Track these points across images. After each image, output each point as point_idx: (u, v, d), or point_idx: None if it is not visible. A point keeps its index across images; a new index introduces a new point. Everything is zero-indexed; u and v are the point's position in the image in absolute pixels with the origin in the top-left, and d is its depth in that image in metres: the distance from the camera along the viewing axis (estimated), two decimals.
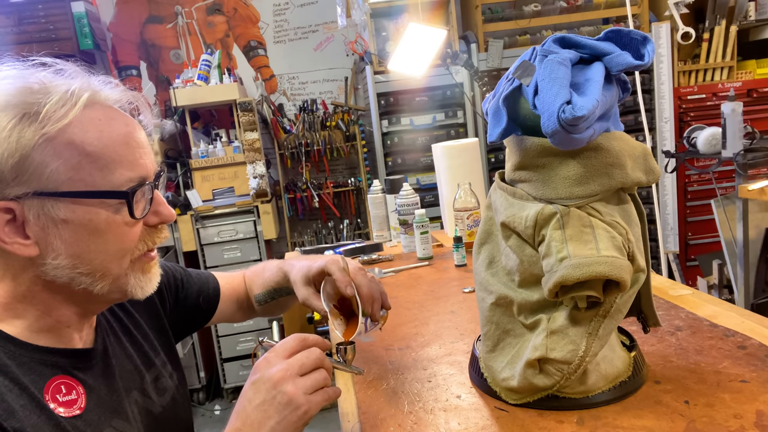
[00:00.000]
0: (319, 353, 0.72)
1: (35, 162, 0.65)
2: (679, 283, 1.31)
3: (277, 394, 0.68)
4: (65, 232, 0.67)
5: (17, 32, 3.22)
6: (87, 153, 0.67)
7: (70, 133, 0.66)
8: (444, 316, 1.28)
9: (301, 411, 0.68)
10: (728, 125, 2.34)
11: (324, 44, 3.83)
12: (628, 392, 0.83)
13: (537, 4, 3.44)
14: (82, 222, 0.68)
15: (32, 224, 0.66)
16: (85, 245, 0.69)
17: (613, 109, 0.80)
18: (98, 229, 0.69)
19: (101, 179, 0.68)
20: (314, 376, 0.71)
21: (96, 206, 0.68)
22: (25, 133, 0.64)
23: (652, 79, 3.42)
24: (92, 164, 0.68)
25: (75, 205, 0.67)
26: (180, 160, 3.36)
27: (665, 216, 3.52)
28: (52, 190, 0.66)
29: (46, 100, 0.66)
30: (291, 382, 0.68)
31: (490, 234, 0.91)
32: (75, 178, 0.67)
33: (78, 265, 0.69)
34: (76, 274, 0.70)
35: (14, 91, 0.66)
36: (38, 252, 0.67)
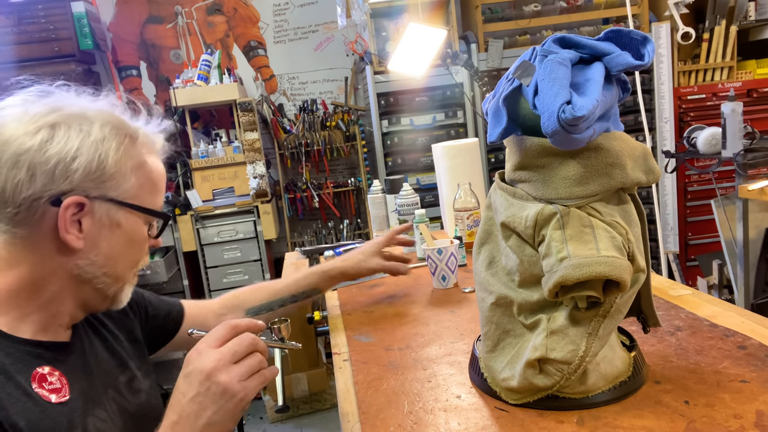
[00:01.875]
0: (251, 338, 0.73)
1: (124, 176, 0.79)
2: (679, 283, 1.31)
3: (211, 385, 0.69)
4: (113, 236, 0.80)
5: (17, 32, 3.22)
6: (150, 179, 0.84)
7: (149, 161, 0.84)
8: (444, 316, 1.28)
9: (237, 398, 0.70)
10: (728, 125, 2.34)
11: (324, 44, 3.83)
12: (628, 392, 0.83)
13: (537, 4, 3.44)
14: (129, 230, 0.81)
15: (92, 222, 0.77)
16: (120, 250, 0.81)
17: (613, 109, 0.80)
18: (134, 239, 0.83)
19: (151, 201, 0.84)
20: (248, 362, 0.72)
21: (142, 220, 0.83)
22: (128, 154, 0.79)
23: (652, 79, 3.42)
24: (151, 188, 0.84)
25: (131, 215, 0.81)
26: (180, 160, 3.36)
27: (665, 216, 3.52)
28: (124, 200, 0.79)
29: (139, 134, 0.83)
30: (224, 371, 0.70)
31: (490, 234, 0.91)
32: (139, 195, 0.82)
33: (107, 265, 0.80)
34: (102, 274, 0.80)
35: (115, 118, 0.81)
36: (83, 246, 0.77)
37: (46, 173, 0.73)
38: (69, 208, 0.74)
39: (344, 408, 0.91)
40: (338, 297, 1.53)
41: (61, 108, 0.76)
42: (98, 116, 0.78)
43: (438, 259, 1.46)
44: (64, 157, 0.73)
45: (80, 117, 0.76)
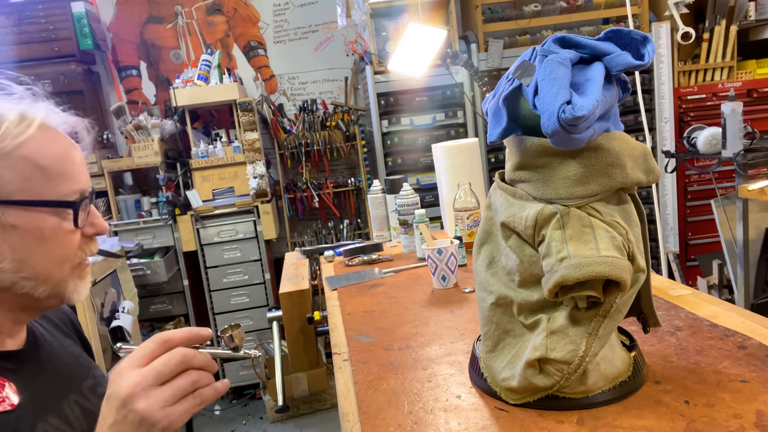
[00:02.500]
0: (182, 355, 0.63)
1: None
2: (679, 283, 1.31)
3: (128, 413, 0.61)
4: (13, 238, 0.72)
5: (17, 32, 3.22)
6: (39, 166, 0.73)
7: (24, 149, 0.73)
8: (444, 316, 1.28)
9: (158, 428, 0.61)
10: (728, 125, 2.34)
11: (324, 44, 3.83)
12: (628, 392, 0.83)
13: (537, 4, 3.44)
14: (30, 228, 0.73)
15: None
16: (30, 250, 0.73)
17: (613, 109, 0.80)
18: (44, 235, 0.74)
19: (50, 190, 0.74)
20: (176, 383, 0.62)
21: (44, 214, 0.74)
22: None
23: (652, 79, 3.42)
24: (42, 176, 0.73)
25: (25, 212, 0.72)
26: (180, 160, 3.36)
27: (665, 216, 3.52)
28: (4, 198, 0.71)
29: (2, 120, 0.72)
30: (143, 396, 0.61)
31: (490, 234, 0.91)
32: (27, 188, 0.72)
33: (22, 269, 0.73)
34: (19, 278, 0.73)
35: None
36: None
37: None
38: None
39: (344, 408, 0.91)
40: (338, 297, 1.53)
41: None
42: None
43: (438, 259, 1.46)
44: None
45: None
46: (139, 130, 3.33)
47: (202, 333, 0.67)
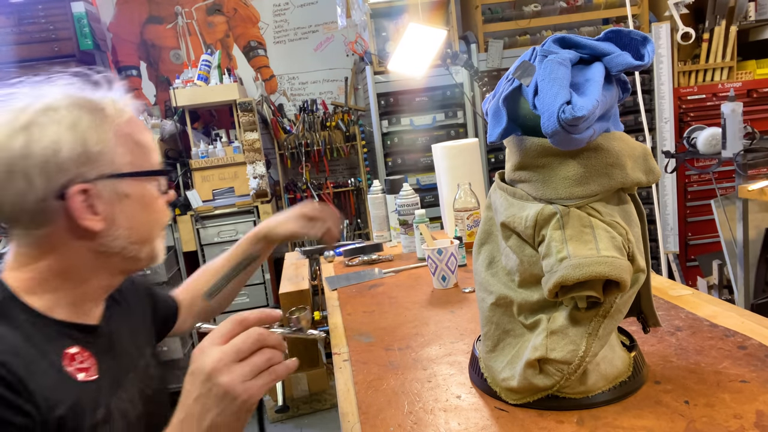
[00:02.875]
0: (258, 334, 0.68)
1: (111, 149, 0.79)
2: (679, 283, 1.31)
3: (212, 387, 0.65)
4: (126, 207, 0.82)
5: (17, 32, 3.22)
6: (137, 142, 0.84)
7: (128, 126, 0.83)
8: (444, 316, 1.28)
9: (239, 401, 0.66)
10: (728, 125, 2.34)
11: (324, 44, 3.83)
12: (628, 392, 0.83)
13: (537, 4, 3.44)
14: (138, 196, 0.83)
15: (103, 202, 0.79)
16: (138, 217, 0.83)
17: (613, 110, 0.80)
18: (146, 202, 0.84)
19: (147, 162, 0.85)
20: (253, 360, 0.67)
21: (146, 182, 0.85)
22: (104, 126, 0.79)
23: (652, 79, 3.42)
24: (141, 150, 0.84)
25: (134, 182, 0.82)
26: (180, 160, 3.36)
27: (665, 216, 3.52)
28: (120, 172, 0.80)
29: (104, 101, 0.82)
30: (226, 371, 0.65)
31: (490, 234, 0.91)
32: (133, 161, 0.82)
33: (131, 235, 0.83)
34: (128, 243, 0.83)
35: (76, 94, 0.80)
36: (104, 226, 0.79)
37: (40, 173, 0.74)
38: (76, 197, 0.76)
39: (344, 408, 0.92)
40: (338, 297, 1.53)
41: (27, 107, 0.76)
42: (62, 101, 0.77)
43: (438, 259, 1.46)
44: (49, 152, 0.74)
45: (46, 109, 0.76)
46: None
47: (273, 314, 0.72)
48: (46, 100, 0.77)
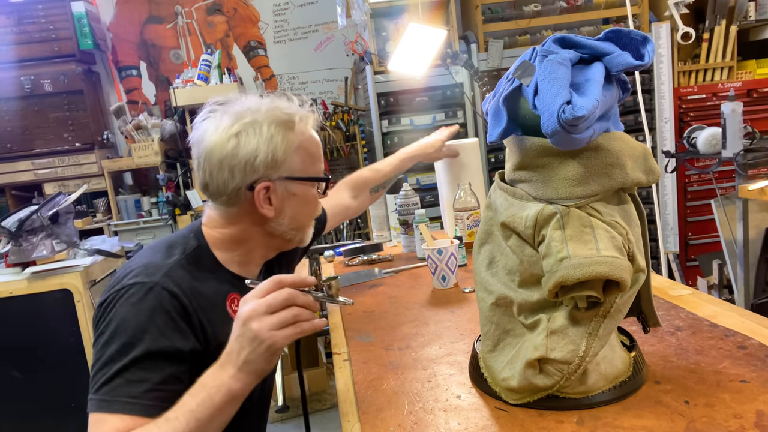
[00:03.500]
0: (288, 293, 0.81)
1: (291, 158, 1.00)
2: (679, 283, 1.31)
3: (246, 330, 0.80)
4: (293, 203, 1.03)
5: (17, 32, 3.22)
6: (310, 153, 1.04)
7: (306, 142, 1.03)
8: (444, 316, 1.28)
9: (265, 345, 0.79)
10: (728, 125, 2.34)
11: (324, 44, 3.83)
12: (628, 392, 0.83)
13: (537, 4, 3.44)
14: (303, 195, 1.04)
15: (277, 197, 1.01)
16: (299, 210, 1.05)
17: (613, 109, 0.80)
18: (308, 200, 1.05)
19: (314, 169, 1.05)
20: (282, 314, 0.80)
21: (311, 186, 1.05)
22: (289, 141, 1.00)
23: (652, 79, 3.42)
24: (311, 159, 1.04)
25: (302, 185, 1.03)
26: (180, 160, 3.36)
27: (665, 216, 3.52)
28: (294, 176, 1.01)
29: (295, 120, 1.01)
30: (257, 319, 0.79)
31: (490, 234, 0.91)
32: (304, 169, 1.03)
33: (292, 223, 1.05)
34: (288, 229, 1.05)
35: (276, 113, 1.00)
36: (274, 215, 1.02)
37: (241, 170, 0.97)
38: (260, 191, 0.99)
39: (344, 408, 0.92)
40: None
41: (241, 117, 0.98)
42: (266, 118, 0.99)
43: (438, 259, 1.46)
44: (249, 156, 0.97)
45: (254, 123, 0.98)
46: (139, 130, 3.33)
47: (307, 279, 0.85)
48: (255, 116, 0.98)
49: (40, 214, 2.35)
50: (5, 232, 2.32)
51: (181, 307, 0.90)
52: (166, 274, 0.92)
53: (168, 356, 0.86)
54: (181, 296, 0.91)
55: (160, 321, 0.87)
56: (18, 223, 2.31)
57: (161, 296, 0.89)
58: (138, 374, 0.83)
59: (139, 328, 0.86)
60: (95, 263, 2.63)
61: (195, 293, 0.94)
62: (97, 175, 3.33)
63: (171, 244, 1.01)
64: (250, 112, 0.99)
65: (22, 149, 3.31)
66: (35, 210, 2.35)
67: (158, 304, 0.88)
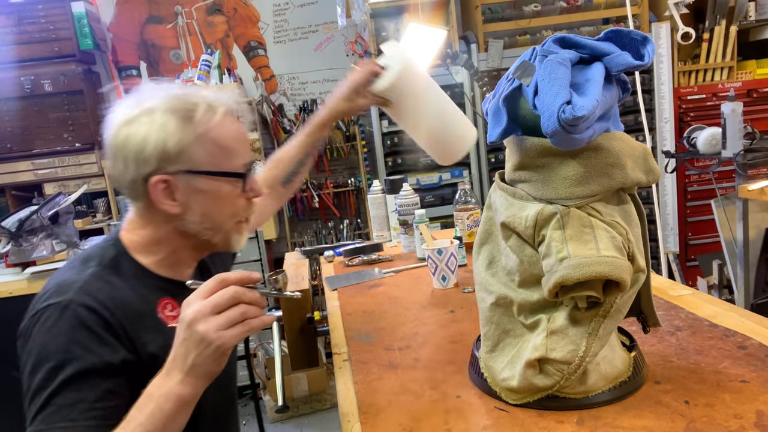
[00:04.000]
0: (234, 291, 0.78)
1: (189, 150, 0.92)
2: (679, 283, 1.31)
3: (192, 333, 0.77)
4: (201, 199, 0.95)
5: (17, 32, 3.21)
6: (220, 146, 0.95)
7: (212, 132, 0.94)
8: (444, 316, 1.28)
9: (213, 346, 0.76)
10: (728, 125, 2.34)
11: (324, 44, 3.83)
12: (628, 392, 0.83)
13: (537, 4, 3.44)
14: (212, 192, 0.96)
15: (179, 192, 0.94)
16: (211, 208, 0.97)
17: (613, 110, 0.80)
18: (221, 197, 0.97)
19: (227, 164, 0.96)
20: (228, 313, 0.77)
21: (223, 182, 0.96)
22: (187, 131, 0.92)
23: (652, 79, 3.42)
24: (223, 153, 0.96)
25: (209, 180, 0.95)
26: None
27: (665, 216, 3.52)
28: (197, 169, 0.93)
29: (196, 109, 0.94)
30: (202, 321, 0.76)
31: (490, 234, 0.91)
32: (211, 162, 0.95)
33: (204, 221, 0.97)
34: (202, 228, 0.97)
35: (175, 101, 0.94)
36: (180, 211, 0.95)
37: (133, 161, 0.92)
38: (156, 185, 0.92)
39: (344, 408, 0.92)
40: (338, 297, 1.53)
41: (138, 105, 0.93)
42: (161, 105, 0.92)
43: (438, 259, 1.46)
44: (139, 146, 0.91)
45: (148, 111, 0.92)
46: None
47: (252, 276, 0.82)
48: (151, 102, 0.93)
49: (40, 214, 2.35)
50: (5, 233, 2.32)
51: (102, 320, 0.86)
52: (81, 289, 0.88)
53: (99, 372, 0.83)
54: (100, 309, 0.87)
55: (81, 338, 0.84)
56: (18, 223, 2.31)
57: (78, 313, 0.85)
58: (71, 396, 0.80)
59: (61, 350, 0.82)
60: None
61: (117, 304, 0.89)
62: (97, 175, 3.33)
63: (86, 258, 0.97)
64: (149, 100, 0.94)
65: (22, 149, 3.31)
66: (35, 210, 2.35)
67: (76, 321, 0.84)
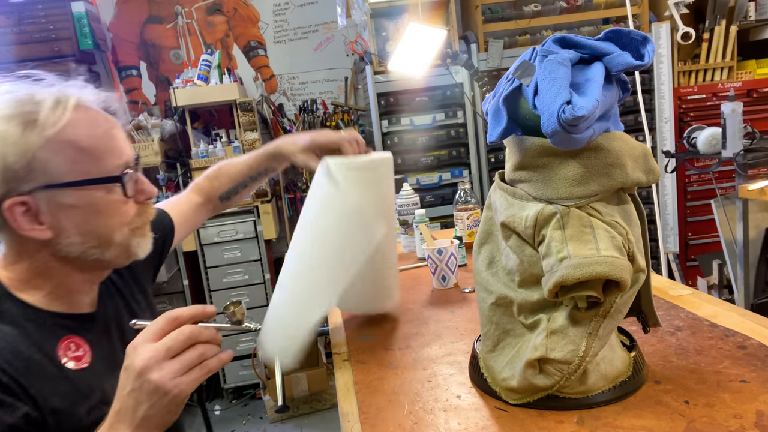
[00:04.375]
0: (189, 331, 0.70)
1: (41, 161, 0.77)
2: (679, 283, 1.31)
3: (143, 383, 0.68)
4: (74, 216, 0.80)
5: (17, 32, 3.21)
6: (81, 148, 0.79)
7: (65, 133, 0.78)
8: (444, 316, 1.28)
9: (170, 396, 0.68)
10: (728, 125, 2.34)
11: (324, 44, 3.83)
12: (628, 392, 0.83)
13: (537, 4, 3.44)
14: (86, 205, 0.81)
15: (45, 212, 0.79)
16: (91, 223, 0.82)
17: (613, 109, 0.80)
18: (99, 209, 0.82)
19: (96, 168, 0.81)
20: (185, 356, 0.70)
21: (95, 190, 0.81)
22: (31, 138, 0.76)
23: (652, 79, 3.42)
24: (87, 157, 0.80)
25: (78, 191, 0.79)
26: (180, 160, 3.36)
27: (665, 216, 3.52)
28: (57, 182, 0.78)
29: (40, 109, 0.77)
30: (156, 369, 0.68)
31: (490, 234, 0.91)
32: (75, 170, 0.79)
33: (87, 240, 0.82)
34: (87, 248, 0.83)
35: (11, 103, 0.78)
36: (52, 235, 0.80)
37: None
38: (13, 210, 0.77)
39: (344, 408, 0.92)
40: None
41: None
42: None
43: (438, 259, 1.46)
44: None
45: None
46: (139, 130, 3.33)
47: (207, 310, 0.74)
48: None
49: None
50: None
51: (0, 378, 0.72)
52: None
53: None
54: None
55: None
56: None
57: None
58: None
59: None
60: None
61: (5, 356, 0.74)
62: None
63: None
64: None
65: None
66: None
67: None
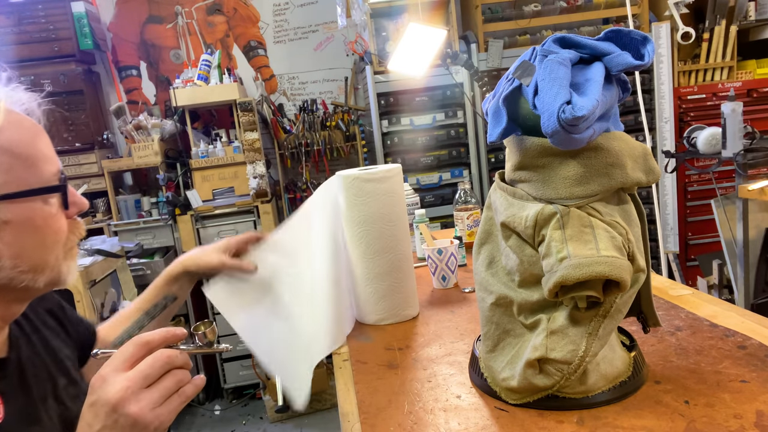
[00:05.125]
0: (167, 356, 0.63)
1: None
2: (679, 283, 1.31)
3: (119, 418, 0.60)
4: (7, 234, 0.69)
5: (17, 32, 3.22)
6: (16, 155, 0.69)
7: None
8: (444, 316, 1.28)
9: (149, 430, 0.61)
10: (728, 125, 2.34)
11: (324, 44, 3.83)
12: (628, 392, 0.83)
13: (537, 4, 3.44)
14: (22, 220, 0.70)
15: None
16: (25, 243, 0.70)
17: (613, 109, 0.80)
18: (35, 224, 0.71)
19: (32, 177, 0.70)
20: (162, 384, 0.63)
21: (32, 203, 0.70)
22: None
23: (652, 79, 3.42)
24: (22, 164, 0.70)
25: (14, 205, 0.69)
26: (180, 160, 3.36)
27: (665, 216, 3.52)
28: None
29: None
30: (133, 400, 0.60)
31: (490, 234, 0.91)
32: (11, 180, 0.69)
33: (19, 264, 0.70)
34: (17, 273, 0.70)
35: None
36: None
37: None
38: None
39: (344, 408, 0.91)
40: None
41: None
42: None
43: (438, 259, 1.46)
44: None
45: None
46: (139, 130, 3.33)
47: (177, 332, 0.67)
48: None
49: None
50: None
51: None
52: None
53: None
54: None
55: None
56: None
57: None
58: None
59: None
60: (95, 263, 2.63)
61: None
62: (97, 175, 3.33)
63: None
64: None
65: None
66: None
67: None
